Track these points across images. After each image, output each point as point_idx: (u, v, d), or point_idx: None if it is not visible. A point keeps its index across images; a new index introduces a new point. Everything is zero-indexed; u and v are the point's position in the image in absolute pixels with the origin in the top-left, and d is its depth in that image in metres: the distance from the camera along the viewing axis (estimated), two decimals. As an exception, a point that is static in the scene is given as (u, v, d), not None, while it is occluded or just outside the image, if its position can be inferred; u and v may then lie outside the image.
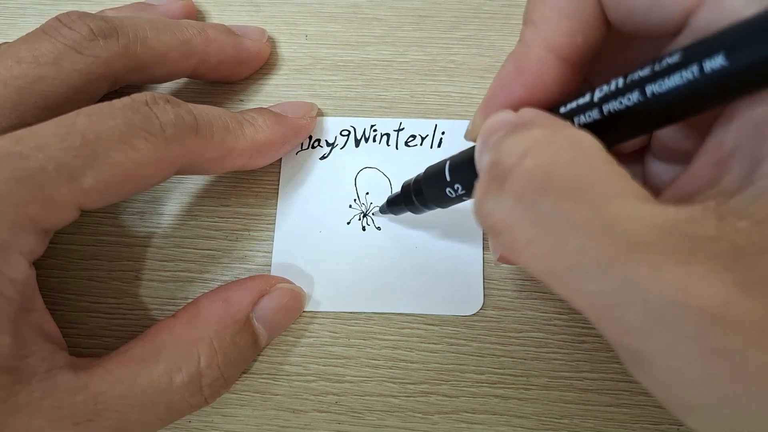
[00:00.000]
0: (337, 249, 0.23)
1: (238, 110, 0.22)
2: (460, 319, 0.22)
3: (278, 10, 0.28)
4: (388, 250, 0.23)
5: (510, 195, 0.12)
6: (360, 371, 0.21)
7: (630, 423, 0.20)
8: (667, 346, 0.10)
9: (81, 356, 0.22)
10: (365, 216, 0.23)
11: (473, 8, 0.27)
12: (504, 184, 0.12)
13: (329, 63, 0.26)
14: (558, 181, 0.11)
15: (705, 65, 0.11)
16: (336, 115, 0.25)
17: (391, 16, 0.27)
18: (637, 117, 0.12)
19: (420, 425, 0.21)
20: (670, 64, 0.11)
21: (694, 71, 0.11)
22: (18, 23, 0.28)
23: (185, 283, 0.23)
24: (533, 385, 0.21)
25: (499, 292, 0.22)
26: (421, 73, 0.26)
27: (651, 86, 0.12)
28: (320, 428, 0.21)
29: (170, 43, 0.22)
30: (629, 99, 0.12)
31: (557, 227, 0.11)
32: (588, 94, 0.13)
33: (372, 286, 0.22)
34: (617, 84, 0.13)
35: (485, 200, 0.13)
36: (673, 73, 0.11)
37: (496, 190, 0.12)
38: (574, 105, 0.14)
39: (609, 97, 0.13)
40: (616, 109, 0.13)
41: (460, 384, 0.21)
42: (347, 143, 0.25)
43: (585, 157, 0.12)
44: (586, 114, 0.13)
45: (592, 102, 0.13)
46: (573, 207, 0.11)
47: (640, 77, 0.12)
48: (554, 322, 0.22)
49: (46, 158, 0.16)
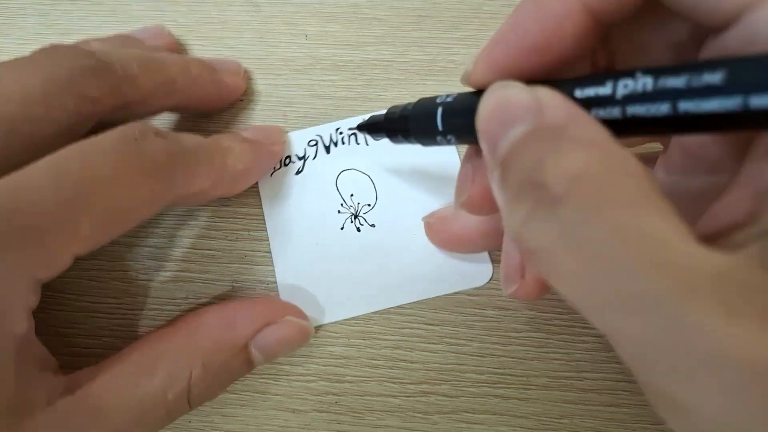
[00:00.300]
0: (337, 257, 0.23)
1: (212, 135, 0.22)
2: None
3: (278, 10, 0.28)
4: (386, 245, 0.23)
5: (560, 222, 0.11)
6: (360, 371, 0.21)
7: (630, 423, 0.20)
8: (709, 396, 0.10)
9: (81, 356, 0.22)
10: (356, 217, 0.23)
11: (473, 8, 0.27)
12: (554, 210, 0.11)
13: (329, 63, 0.26)
14: (613, 213, 0.11)
15: (751, 101, 0.10)
16: (335, 119, 0.25)
17: (391, 16, 0.27)
18: (663, 125, 0.11)
19: (420, 425, 0.21)
20: (710, 85, 0.10)
21: (737, 103, 0.10)
22: (18, 23, 0.28)
23: (185, 283, 0.23)
24: (533, 385, 0.21)
25: (499, 292, 0.22)
26: (421, 73, 0.26)
27: (685, 103, 0.11)
28: (320, 428, 0.21)
29: (156, 82, 0.21)
30: (658, 109, 0.11)
31: (605, 261, 0.11)
32: (609, 83, 0.12)
33: (380, 283, 0.22)
34: (644, 86, 0.11)
35: (529, 225, 0.12)
36: (712, 96, 0.10)
37: (543, 216, 0.12)
38: (591, 93, 0.13)
39: (634, 99, 0.12)
40: (641, 114, 0.12)
41: (460, 384, 0.21)
42: (318, 152, 0.25)
43: (639, 189, 0.11)
44: (606, 110, 0.12)
45: (613, 98, 0.12)
46: (624, 243, 0.11)
47: (673, 88, 0.11)
48: (554, 322, 0.22)
49: (42, 213, 0.16)
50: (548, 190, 0.11)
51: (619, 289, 0.11)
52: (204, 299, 0.23)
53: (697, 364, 0.10)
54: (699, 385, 0.10)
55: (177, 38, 0.27)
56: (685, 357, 0.10)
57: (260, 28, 0.27)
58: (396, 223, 0.23)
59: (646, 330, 0.10)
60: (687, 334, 0.10)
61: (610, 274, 0.11)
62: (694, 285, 0.10)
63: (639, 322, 0.10)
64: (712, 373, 0.10)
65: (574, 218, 0.11)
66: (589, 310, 0.12)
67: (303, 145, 0.25)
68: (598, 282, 0.11)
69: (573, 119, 0.12)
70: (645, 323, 0.10)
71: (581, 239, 0.11)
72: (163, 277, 0.23)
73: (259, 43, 0.27)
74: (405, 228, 0.23)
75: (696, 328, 0.10)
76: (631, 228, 0.11)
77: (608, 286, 0.11)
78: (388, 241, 0.23)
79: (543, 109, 0.12)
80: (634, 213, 0.11)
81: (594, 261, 0.11)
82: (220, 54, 0.27)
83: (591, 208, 0.11)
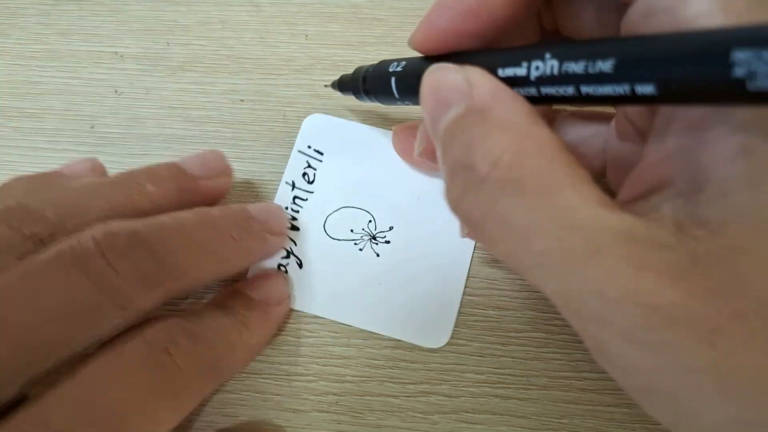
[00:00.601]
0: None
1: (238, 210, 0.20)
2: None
3: (278, 10, 0.28)
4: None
5: (486, 199, 0.13)
6: (360, 371, 0.21)
7: (630, 423, 0.20)
8: (622, 336, 0.11)
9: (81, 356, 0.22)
10: (374, 239, 0.23)
11: (473, 8, 0.27)
12: (480, 188, 0.13)
13: (329, 63, 0.26)
14: (527, 189, 0.12)
15: (636, 88, 0.11)
16: (333, 116, 0.25)
17: (392, 16, 0.27)
18: (574, 101, 0.13)
19: (420, 425, 0.21)
20: (602, 72, 0.12)
21: (626, 89, 0.11)
22: (18, 23, 0.28)
23: (185, 283, 0.23)
24: (533, 385, 0.21)
25: (499, 292, 0.22)
26: (421, 73, 0.26)
27: (585, 87, 0.12)
28: (320, 428, 0.21)
29: (210, 271, 0.19)
30: (565, 90, 0.13)
31: (526, 229, 0.12)
32: (524, 65, 0.14)
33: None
34: (552, 69, 0.13)
35: (463, 200, 0.14)
36: (605, 83, 0.12)
37: (473, 193, 0.13)
38: (511, 74, 0.14)
39: (545, 82, 0.13)
40: (552, 94, 0.13)
41: (460, 384, 0.21)
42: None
43: (550, 161, 0.13)
44: (524, 88, 0.14)
45: (528, 79, 0.14)
46: (540, 212, 0.12)
47: (574, 73, 0.12)
48: (554, 321, 0.22)
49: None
50: (475, 171, 0.13)
51: (537, 251, 0.12)
52: (205, 299, 0.23)
53: (608, 309, 0.11)
54: (611, 328, 0.11)
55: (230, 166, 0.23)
56: (599, 305, 0.11)
57: (260, 28, 0.27)
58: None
59: (566, 286, 0.12)
60: (597, 286, 0.11)
61: (530, 240, 0.12)
62: (600, 244, 0.11)
63: (559, 279, 0.12)
64: (620, 315, 0.11)
65: (496, 196, 0.13)
66: (518, 271, 0.14)
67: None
68: (521, 247, 0.13)
69: (497, 101, 0.14)
70: (563, 280, 0.12)
71: (504, 213, 0.13)
72: (164, 277, 0.23)
73: (259, 43, 0.27)
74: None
75: (604, 281, 0.11)
76: (545, 200, 0.12)
77: (529, 252, 0.13)
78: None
79: (473, 91, 0.14)
80: (545, 189, 0.12)
81: (515, 231, 0.13)
82: (220, 54, 0.27)
83: (510, 186, 0.12)
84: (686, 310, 0.11)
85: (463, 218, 0.15)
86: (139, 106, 0.26)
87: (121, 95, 0.26)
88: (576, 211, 0.12)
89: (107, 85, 0.27)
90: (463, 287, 0.22)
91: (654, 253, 0.11)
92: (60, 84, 0.27)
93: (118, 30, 0.28)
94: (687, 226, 0.11)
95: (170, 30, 0.28)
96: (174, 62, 0.27)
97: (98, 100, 0.26)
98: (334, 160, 0.24)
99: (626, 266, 0.11)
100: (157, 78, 0.27)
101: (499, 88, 0.14)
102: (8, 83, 0.27)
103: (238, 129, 0.25)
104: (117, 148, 0.25)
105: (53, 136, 0.26)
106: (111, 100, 0.26)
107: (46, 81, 0.27)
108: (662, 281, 0.11)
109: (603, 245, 0.11)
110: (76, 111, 0.26)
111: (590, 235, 0.11)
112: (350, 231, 0.23)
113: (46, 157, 0.25)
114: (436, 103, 0.15)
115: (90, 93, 0.27)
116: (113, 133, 0.26)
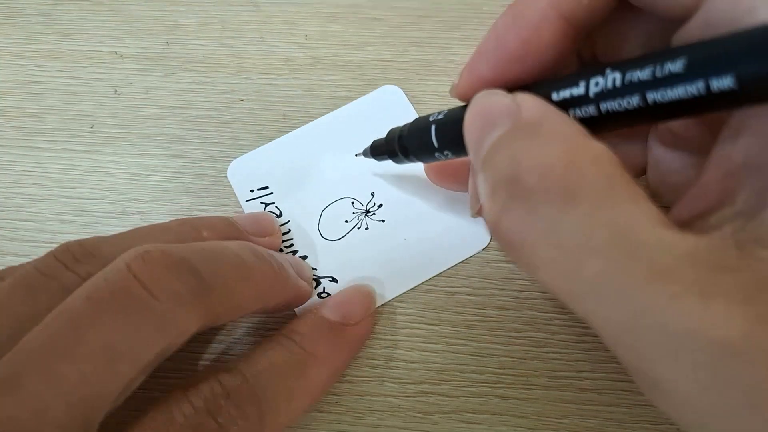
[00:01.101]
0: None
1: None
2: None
3: (278, 10, 0.28)
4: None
5: (531, 213, 0.12)
6: (360, 371, 0.21)
7: (630, 423, 0.20)
8: (683, 374, 0.10)
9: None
10: (367, 213, 0.24)
11: (473, 8, 0.27)
12: (527, 202, 0.12)
13: (329, 63, 0.26)
14: (582, 205, 0.11)
15: (712, 84, 0.10)
16: (336, 115, 0.25)
17: (391, 16, 0.27)
18: (636, 115, 0.12)
19: (420, 425, 0.21)
20: (672, 73, 0.11)
21: (700, 88, 0.10)
22: (18, 23, 0.28)
23: (185, 283, 0.23)
24: (533, 384, 0.21)
25: (499, 292, 0.22)
26: (421, 73, 0.26)
27: (652, 94, 0.11)
28: (320, 428, 0.21)
29: (250, 296, 0.18)
30: (629, 102, 0.12)
31: (579, 250, 0.11)
32: (582, 84, 0.13)
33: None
34: (614, 82, 0.12)
35: (505, 218, 0.13)
36: (676, 84, 0.11)
37: (517, 208, 0.12)
38: (567, 95, 0.13)
39: (606, 96, 0.12)
40: (614, 109, 0.12)
41: (460, 384, 0.21)
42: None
43: (607, 178, 0.11)
44: (582, 109, 0.13)
45: (587, 96, 0.13)
46: (595, 228, 0.11)
47: (639, 80, 0.11)
48: (554, 321, 0.22)
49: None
50: (521, 183, 0.12)
51: (592, 276, 0.11)
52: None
53: (669, 345, 0.10)
54: (672, 365, 0.10)
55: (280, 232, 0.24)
56: (659, 339, 0.10)
57: (260, 28, 0.27)
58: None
59: (622, 314, 0.11)
60: (659, 317, 0.10)
61: (582, 262, 0.11)
62: (664, 267, 0.10)
63: (614, 307, 0.11)
64: (683, 352, 0.10)
65: (545, 210, 0.12)
66: (566, 296, 0.12)
67: None
68: (571, 270, 0.11)
69: (547, 117, 0.13)
70: (620, 308, 0.11)
71: (552, 230, 0.11)
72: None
73: (259, 43, 0.27)
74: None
75: (667, 311, 0.10)
76: (600, 217, 0.11)
77: (582, 276, 0.11)
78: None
79: (521, 110, 0.13)
80: (602, 203, 0.11)
81: (566, 250, 0.11)
82: (220, 53, 0.27)
83: (561, 199, 0.11)
84: (755, 341, 0.10)
85: (503, 239, 0.13)
86: (139, 106, 0.26)
87: (121, 95, 0.26)
88: (637, 229, 0.11)
89: (107, 85, 0.27)
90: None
91: (720, 277, 0.10)
92: (60, 84, 0.27)
93: (117, 30, 0.28)
94: (751, 247, 0.11)
95: (170, 30, 0.28)
96: (174, 62, 0.27)
97: (98, 100, 0.26)
98: (282, 183, 0.24)
99: (692, 294, 0.10)
100: (156, 78, 0.27)
101: (549, 108, 0.13)
102: (8, 83, 0.27)
103: (238, 129, 0.25)
104: (117, 148, 0.25)
105: (53, 136, 0.26)
106: (111, 100, 0.26)
107: (46, 81, 0.27)
108: (732, 309, 0.10)
109: (667, 270, 0.10)
110: (76, 111, 0.26)
111: (653, 257, 0.10)
112: (345, 222, 0.24)
113: (46, 157, 0.25)
114: (481, 127, 0.14)
115: (90, 93, 0.27)
116: (113, 133, 0.26)
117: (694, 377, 0.10)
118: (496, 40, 0.15)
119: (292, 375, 0.18)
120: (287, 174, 0.24)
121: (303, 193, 0.24)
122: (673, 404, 0.11)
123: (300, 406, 0.18)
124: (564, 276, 0.12)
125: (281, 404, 0.17)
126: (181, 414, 0.15)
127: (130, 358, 0.14)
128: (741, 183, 0.12)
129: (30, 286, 0.16)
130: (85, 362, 0.13)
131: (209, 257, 0.17)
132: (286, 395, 0.18)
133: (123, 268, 0.15)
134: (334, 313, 0.20)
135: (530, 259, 0.12)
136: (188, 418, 0.15)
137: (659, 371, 0.11)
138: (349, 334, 0.20)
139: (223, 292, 0.16)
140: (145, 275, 0.15)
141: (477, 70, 0.15)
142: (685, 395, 0.11)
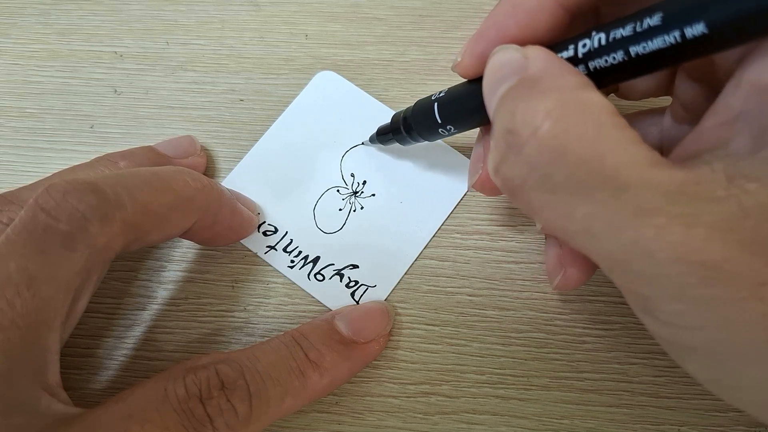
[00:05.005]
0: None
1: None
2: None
3: (278, 9, 0.27)
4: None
5: (526, 164, 0.13)
6: (360, 371, 0.21)
7: (630, 423, 0.20)
8: (671, 293, 0.11)
9: (81, 356, 0.22)
10: (356, 194, 0.24)
11: (474, 8, 0.27)
12: (521, 153, 0.13)
13: (329, 63, 0.26)
14: (571, 152, 0.12)
15: (687, 31, 0.11)
16: (336, 115, 0.25)
17: (392, 15, 0.27)
18: (621, 70, 0.13)
19: (420, 426, 0.21)
20: (651, 26, 0.12)
21: (676, 36, 0.12)
22: (18, 23, 0.28)
23: (186, 283, 0.23)
24: (534, 385, 0.21)
25: (500, 293, 0.22)
26: (422, 72, 0.26)
27: (634, 47, 0.12)
28: (320, 428, 0.21)
29: (172, 205, 0.18)
30: (614, 58, 0.13)
31: (570, 194, 0.12)
32: (571, 47, 0.14)
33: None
34: (600, 41, 0.13)
35: (503, 166, 0.14)
36: (655, 36, 0.12)
37: (513, 158, 0.13)
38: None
39: (593, 55, 0.13)
40: (601, 66, 0.13)
41: (461, 384, 0.21)
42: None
43: (596, 125, 0.12)
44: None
45: (576, 57, 0.14)
46: (584, 176, 0.12)
47: (623, 36, 0.13)
48: (555, 322, 0.22)
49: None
50: (517, 135, 0.13)
51: (582, 217, 0.12)
52: (204, 299, 0.23)
53: (658, 268, 0.11)
54: (662, 285, 0.12)
55: (207, 157, 0.25)
56: (649, 264, 0.11)
57: (260, 27, 0.27)
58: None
59: (613, 248, 0.12)
60: (647, 247, 0.11)
61: (573, 206, 0.12)
62: (651, 205, 0.11)
63: (605, 242, 0.12)
64: (671, 273, 0.11)
65: (538, 159, 0.13)
66: (562, 237, 0.13)
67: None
68: (564, 214, 0.13)
69: (548, 71, 0.13)
70: (610, 243, 0.12)
71: (545, 176, 0.13)
72: (163, 278, 0.23)
73: (258, 42, 0.27)
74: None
75: (654, 242, 0.11)
76: (589, 165, 0.12)
77: (574, 218, 0.12)
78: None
79: (528, 64, 0.14)
80: (592, 152, 0.12)
81: (557, 198, 0.13)
82: (220, 53, 0.27)
83: (553, 148, 0.12)
84: (736, 264, 0.11)
85: (501, 185, 0.14)
86: (139, 105, 0.26)
87: (121, 95, 0.26)
88: (623, 171, 0.12)
89: (107, 85, 0.27)
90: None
91: (704, 207, 0.11)
92: (59, 84, 0.27)
93: (117, 30, 0.28)
94: (738, 179, 0.11)
95: (170, 30, 0.27)
96: (174, 62, 0.27)
97: (98, 100, 0.26)
98: (265, 200, 0.24)
99: (676, 225, 0.11)
100: (156, 78, 0.27)
101: (553, 62, 0.14)
102: (8, 83, 0.27)
103: (238, 129, 0.25)
104: (117, 148, 0.25)
105: (53, 136, 0.26)
106: (110, 100, 0.26)
107: (46, 81, 0.27)
108: (712, 236, 0.11)
109: (652, 205, 0.11)
110: (76, 111, 0.26)
111: (639, 195, 0.11)
112: (339, 211, 0.24)
113: (46, 157, 0.25)
114: (494, 81, 0.14)
115: (89, 93, 0.27)
116: (113, 133, 0.26)
117: (678, 296, 0.11)
118: (495, 25, 0.16)
119: (289, 379, 0.18)
120: (264, 188, 0.24)
121: (288, 201, 0.24)
122: (662, 322, 0.12)
123: (291, 408, 0.18)
124: (558, 220, 0.13)
125: (272, 405, 0.18)
126: (174, 394, 0.16)
127: (48, 279, 0.15)
128: (737, 130, 0.12)
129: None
130: (7, 288, 0.15)
131: (116, 178, 0.17)
132: (279, 397, 0.18)
133: (32, 203, 0.16)
134: (347, 328, 0.20)
135: (528, 204, 0.14)
136: (180, 401, 0.16)
137: (650, 293, 0.12)
138: (358, 352, 0.20)
139: (137, 204, 0.17)
140: (49, 204, 0.16)
141: (478, 49, 0.16)
142: (673, 313, 0.12)
